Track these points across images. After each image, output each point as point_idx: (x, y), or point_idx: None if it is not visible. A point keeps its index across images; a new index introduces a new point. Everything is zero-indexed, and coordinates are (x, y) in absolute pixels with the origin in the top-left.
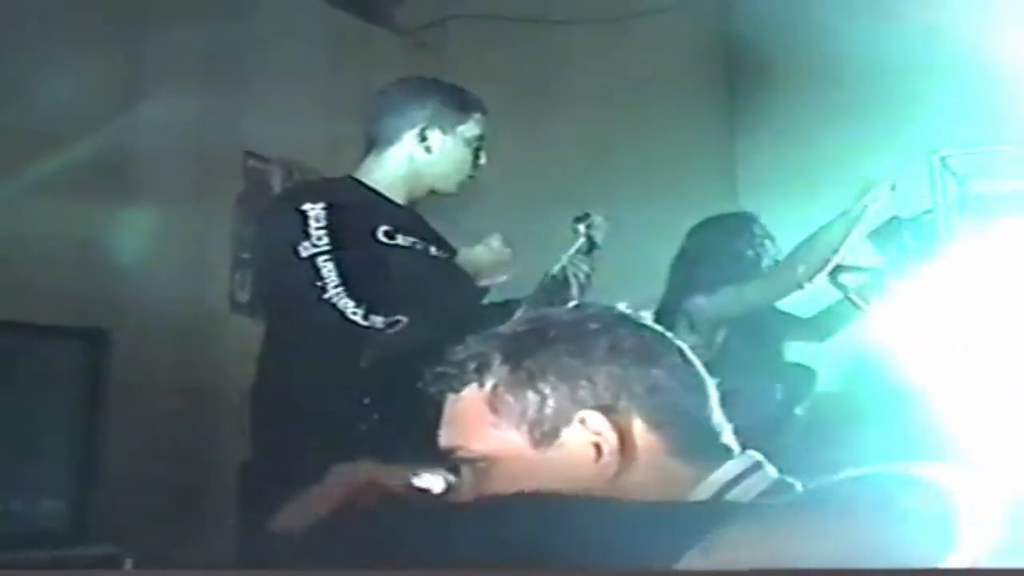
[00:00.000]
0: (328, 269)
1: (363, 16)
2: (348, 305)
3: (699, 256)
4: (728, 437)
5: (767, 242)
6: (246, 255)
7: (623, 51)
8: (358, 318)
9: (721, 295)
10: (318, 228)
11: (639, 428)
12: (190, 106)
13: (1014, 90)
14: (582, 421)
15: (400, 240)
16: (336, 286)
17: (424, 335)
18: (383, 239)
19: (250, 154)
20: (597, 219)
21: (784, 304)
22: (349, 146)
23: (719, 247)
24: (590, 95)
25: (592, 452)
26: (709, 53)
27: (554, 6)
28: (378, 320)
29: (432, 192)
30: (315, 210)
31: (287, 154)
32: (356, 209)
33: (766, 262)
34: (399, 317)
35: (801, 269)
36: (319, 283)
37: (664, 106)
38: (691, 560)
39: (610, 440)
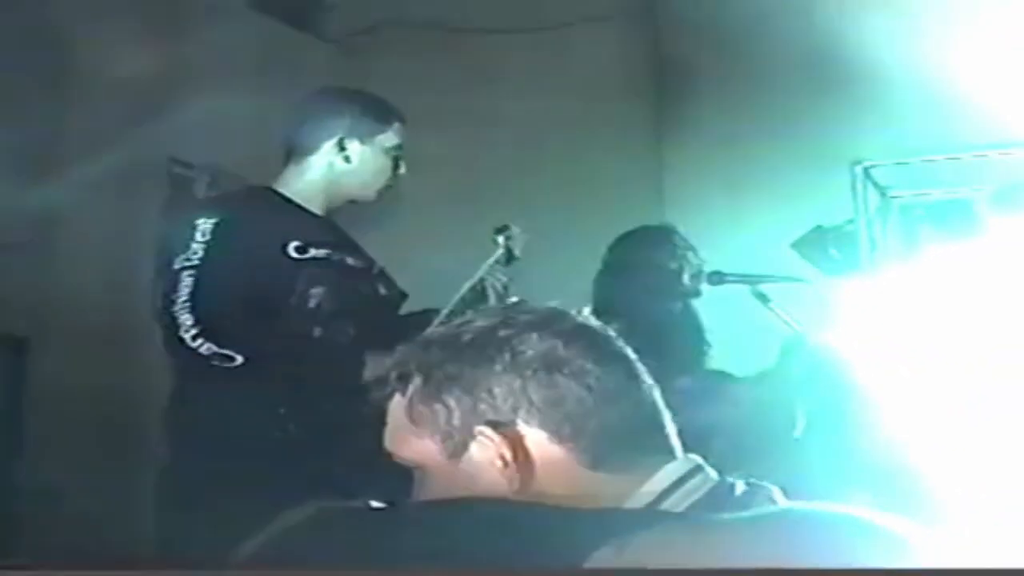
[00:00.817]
0: (186, 283)
1: (292, 23)
2: (186, 321)
3: (621, 271)
4: (667, 440)
5: (689, 254)
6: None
7: (552, 61)
8: (187, 336)
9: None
10: (198, 242)
11: (540, 440)
12: (115, 111)
13: (937, 102)
14: (481, 435)
15: (313, 253)
16: (184, 300)
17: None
18: (294, 254)
19: (175, 160)
20: (516, 231)
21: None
22: (275, 153)
23: (641, 260)
24: (518, 104)
25: (499, 464)
26: (637, 65)
27: (484, 15)
28: (204, 347)
29: (352, 201)
30: (206, 224)
31: (212, 160)
32: (267, 223)
33: (688, 274)
34: (232, 354)
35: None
36: (174, 295)
37: (592, 116)
38: (601, 557)
39: (505, 454)
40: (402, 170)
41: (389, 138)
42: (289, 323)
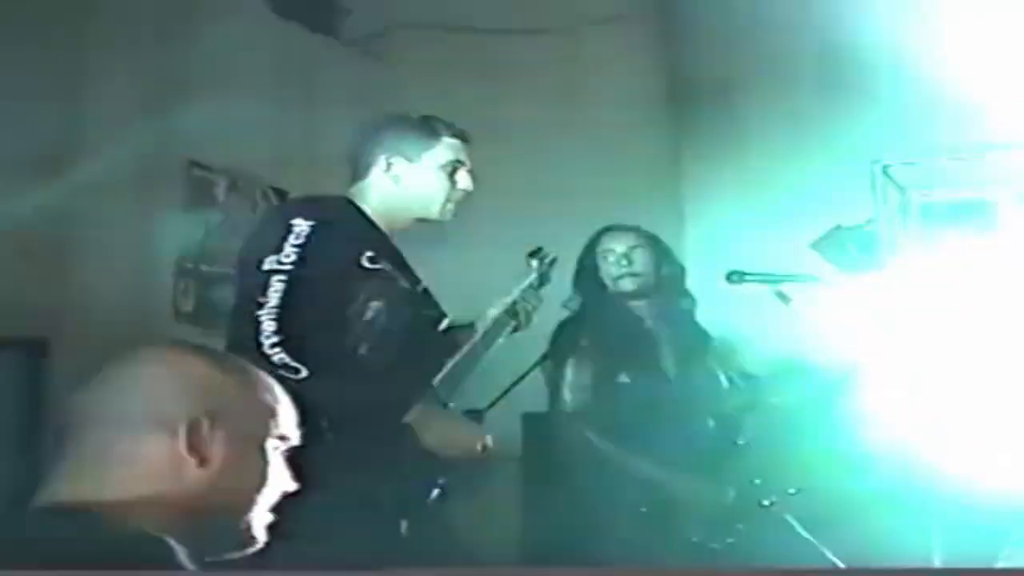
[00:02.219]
0: (275, 288)
1: (308, 26)
2: (269, 328)
3: (576, 272)
4: None
5: (609, 255)
6: (189, 263)
7: (568, 65)
8: (266, 343)
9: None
10: (293, 245)
11: None
12: (133, 113)
13: (956, 102)
14: None
15: (381, 266)
16: (272, 306)
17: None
18: (366, 264)
19: (194, 163)
20: (550, 255)
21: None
22: (294, 154)
23: (578, 262)
24: (534, 105)
25: None
26: (656, 69)
27: (499, 17)
28: (278, 356)
29: (420, 220)
30: (302, 227)
31: (230, 163)
32: (348, 230)
33: (612, 276)
34: (299, 367)
35: None
36: (262, 299)
37: (609, 119)
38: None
39: None
40: (462, 184)
41: (439, 154)
42: (344, 335)
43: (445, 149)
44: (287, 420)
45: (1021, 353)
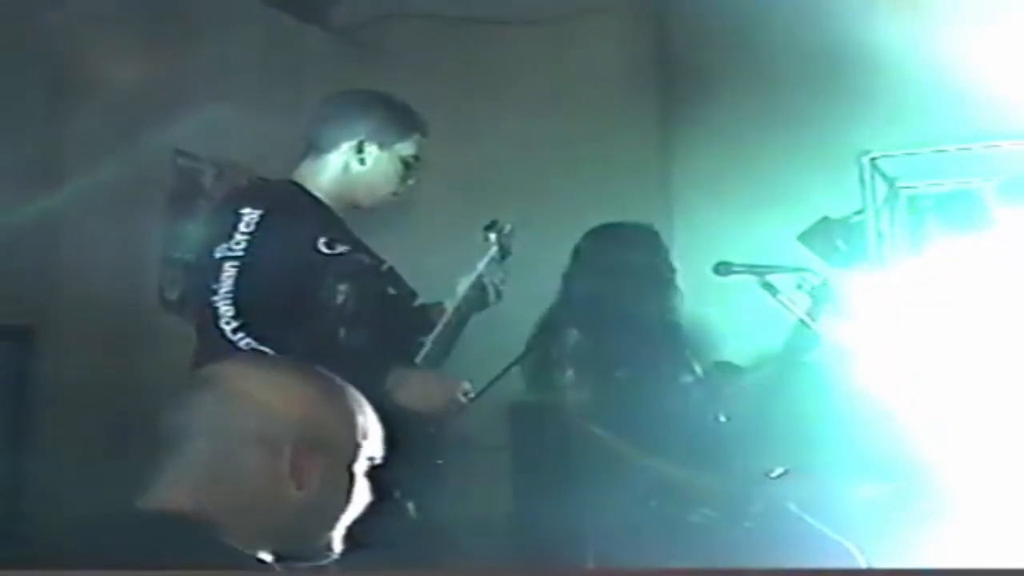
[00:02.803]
0: (228, 274)
1: (297, 15)
2: (227, 312)
3: (600, 269)
4: None
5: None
6: (175, 252)
7: (559, 55)
8: (227, 328)
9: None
10: (243, 233)
11: None
12: (122, 107)
13: (944, 93)
14: None
15: (340, 249)
16: (227, 292)
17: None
18: (324, 250)
19: (180, 152)
20: (507, 226)
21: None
22: (281, 145)
23: (624, 261)
24: (525, 96)
25: None
26: (644, 60)
27: (491, 6)
28: (244, 341)
29: (356, 206)
30: (251, 215)
31: (218, 152)
32: (298, 217)
33: (667, 275)
34: (268, 351)
35: None
36: (215, 285)
37: (599, 110)
38: None
39: None
40: (411, 181)
41: (407, 147)
42: (318, 321)
43: (413, 144)
44: (376, 439)
45: (1011, 344)
